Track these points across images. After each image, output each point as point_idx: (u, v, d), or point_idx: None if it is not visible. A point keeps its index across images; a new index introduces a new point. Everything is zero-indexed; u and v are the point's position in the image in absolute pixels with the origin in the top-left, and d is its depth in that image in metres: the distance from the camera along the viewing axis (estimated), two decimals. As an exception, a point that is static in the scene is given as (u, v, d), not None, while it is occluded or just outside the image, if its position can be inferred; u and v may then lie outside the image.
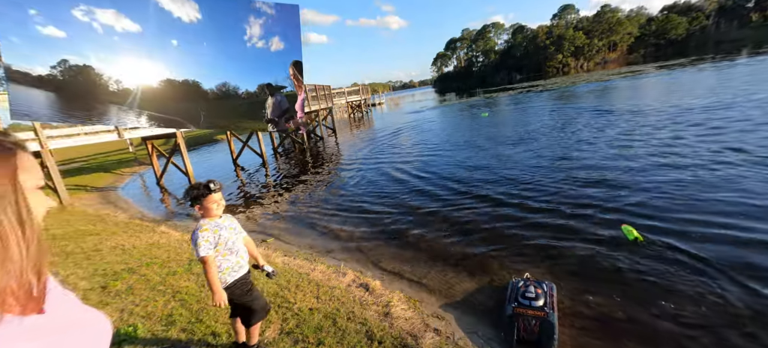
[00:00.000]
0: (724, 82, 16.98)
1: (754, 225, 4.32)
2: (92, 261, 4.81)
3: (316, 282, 3.94)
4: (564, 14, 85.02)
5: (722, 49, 47.62)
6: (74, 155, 22.21)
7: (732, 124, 8.86)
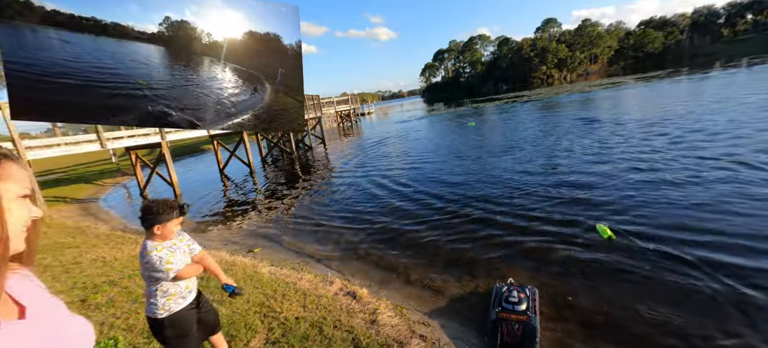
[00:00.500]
0: (697, 95, 17.80)
1: (719, 226, 4.54)
2: (71, 274, 4.67)
3: (303, 291, 3.93)
4: (547, 27, 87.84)
5: (697, 63, 49.89)
6: (54, 166, 21.54)
7: (700, 132, 9.28)
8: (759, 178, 5.82)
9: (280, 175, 13.79)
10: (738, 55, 50.28)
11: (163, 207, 1.96)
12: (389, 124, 31.54)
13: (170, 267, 1.95)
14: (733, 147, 7.62)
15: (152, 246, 1.96)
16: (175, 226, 2.03)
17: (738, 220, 4.65)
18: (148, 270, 1.94)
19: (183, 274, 2.02)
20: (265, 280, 4.25)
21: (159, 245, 1.98)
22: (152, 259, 1.93)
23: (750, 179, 5.83)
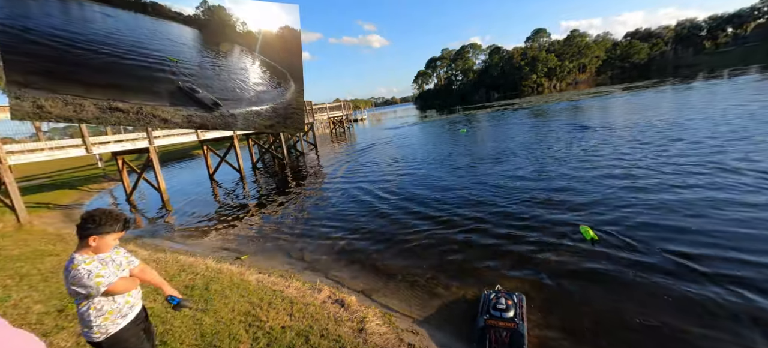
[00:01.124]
0: (682, 105, 18.30)
1: (702, 228, 4.63)
2: (49, 283, 4.52)
3: (290, 299, 3.87)
4: (537, 37, 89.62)
5: (681, 73, 51.50)
6: (38, 171, 20.97)
7: (682, 140, 9.51)
8: (740, 183, 5.98)
9: (271, 181, 13.66)
10: (720, 66, 51.99)
11: (107, 218, 1.80)
12: (382, 131, 31.62)
13: (100, 280, 1.75)
14: (718, 154, 7.82)
15: (81, 259, 1.77)
16: (113, 241, 1.87)
17: (718, 224, 4.75)
18: (74, 285, 1.73)
19: (116, 289, 1.81)
20: (252, 288, 4.17)
21: (88, 258, 1.79)
22: (79, 273, 1.72)
23: (733, 185, 5.98)
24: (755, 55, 60.40)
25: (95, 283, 1.74)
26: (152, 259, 5.59)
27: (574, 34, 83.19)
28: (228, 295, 3.96)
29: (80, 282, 1.72)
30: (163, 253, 6.06)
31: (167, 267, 5.09)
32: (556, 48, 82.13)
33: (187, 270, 4.90)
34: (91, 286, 1.73)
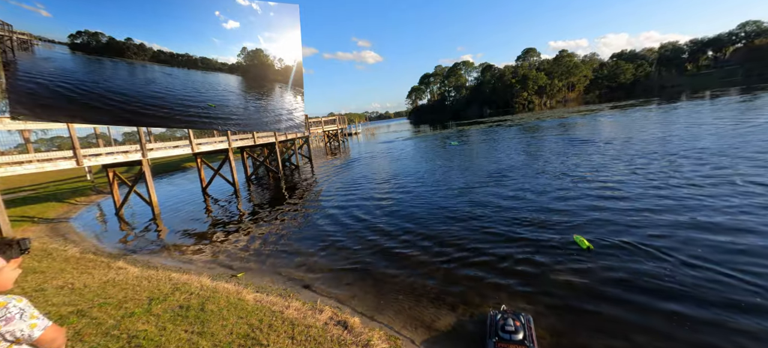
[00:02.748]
0: (668, 124, 18.82)
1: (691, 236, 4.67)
2: (34, 303, 4.27)
3: (291, 320, 3.72)
4: (527, 56, 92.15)
5: (666, 93, 53.59)
6: (23, 183, 20.36)
7: (665, 157, 9.73)
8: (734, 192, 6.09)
9: (266, 194, 13.47)
10: (701, 87, 54.18)
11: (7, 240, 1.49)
12: (376, 145, 31.70)
13: (35, 323, 1.43)
14: (712, 169, 8.00)
15: (9, 296, 1.46)
16: (13, 272, 1.54)
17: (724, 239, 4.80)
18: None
19: (46, 338, 1.46)
20: (250, 309, 4.02)
21: (18, 295, 1.49)
22: (10, 312, 1.39)
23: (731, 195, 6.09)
24: (735, 77, 63.10)
25: (29, 325, 1.42)
26: (144, 276, 5.37)
27: (563, 54, 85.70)
28: (225, 317, 3.80)
29: (11, 324, 1.38)
30: (154, 271, 5.84)
31: (160, 285, 4.89)
32: (545, 67, 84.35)
33: (181, 288, 4.71)
34: (24, 332, 1.41)
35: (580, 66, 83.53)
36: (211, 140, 14.58)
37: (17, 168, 7.84)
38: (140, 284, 4.98)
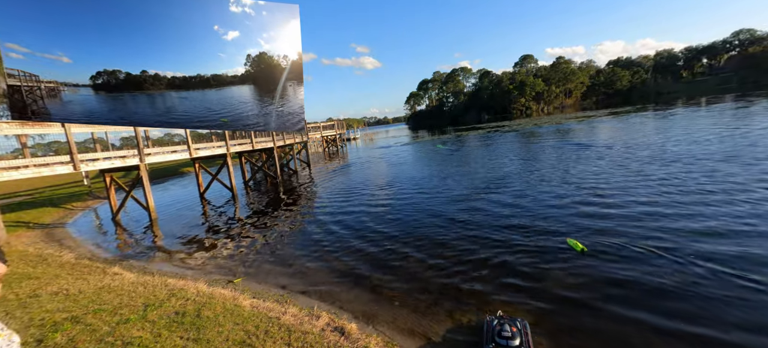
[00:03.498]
0: (668, 130, 18.97)
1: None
2: (28, 309, 4.25)
3: (287, 327, 3.70)
4: (524, 63, 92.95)
5: (662, 100, 54.18)
6: (19, 188, 20.24)
7: (656, 161, 9.81)
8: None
9: (264, 199, 13.43)
10: (697, 94, 54.80)
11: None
12: (374, 150, 31.75)
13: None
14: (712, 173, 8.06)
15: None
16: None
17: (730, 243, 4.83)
18: None
19: None
20: (247, 315, 3.99)
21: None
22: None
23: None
24: (729, 84, 63.81)
25: None
26: (139, 282, 5.34)
27: (560, 61, 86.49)
28: (221, 323, 3.78)
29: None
30: (150, 276, 5.81)
31: (156, 291, 4.85)
32: (542, 73, 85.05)
33: (177, 294, 4.68)
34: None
35: (577, 72, 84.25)
36: (209, 145, 14.57)
37: (13, 173, 7.81)
38: (136, 290, 4.94)
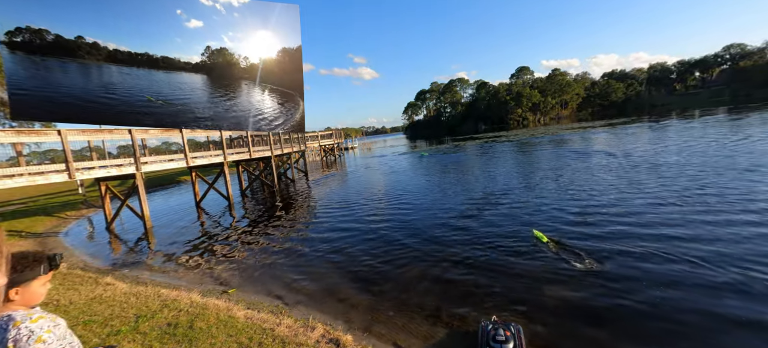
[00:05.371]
0: (658, 140, 19.20)
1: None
2: (17, 320, 4.15)
3: (281, 338, 3.65)
4: (521, 74, 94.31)
5: (656, 112, 55.00)
6: (12, 196, 20.04)
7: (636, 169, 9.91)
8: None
9: (260, 209, 13.36)
10: (691, 106, 55.70)
11: (24, 261, 1.43)
12: (372, 159, 31.81)
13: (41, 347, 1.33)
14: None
15: (25, 315, 1.38)
16: (42, 287, 1.49)
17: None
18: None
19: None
20: (241, 326, 3.93)
21: (35, 314, 1.42)
22: (19, 334, 1.32)
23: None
24: (722, 97, 64.92)
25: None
26: (132, 293, 5.26)
27: (556, 73, 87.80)
28: (214, 335, 3.72)
29: (18, 344, 1.31)
30: (143, 286, 5.73)
31: (148, 302, 4.78)
32: (539, 85, 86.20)
33: (170, 305, 4.61)
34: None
35: (572, 84, 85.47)
36: (206, 154, 14.55)
37: (8, 181, 7.74)
38: (128, 301, 4.86)
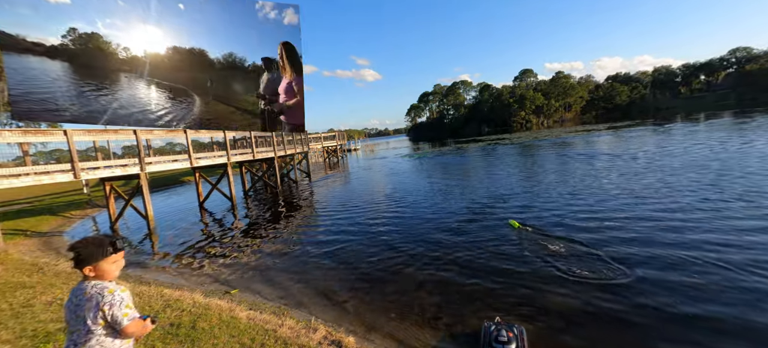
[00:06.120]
0: (663, 143, 19.05)
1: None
2: (21, 319, 4.19)
3: (283, 339, 3.64)
4: (524, 77, 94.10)
5: (661, 115, 54.71)
6: (18, 196, 20.23)
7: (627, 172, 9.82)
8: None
9: (263, 210, 13.39)
10: (696, 110, 55.34)
11: (88, 245, 1.66)
12: (375, 161, 31.81)
13: (127, 313, 1.62)
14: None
15: (113, 286, 1.65)
16: (110, 266, 1.71)
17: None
18: (98, 311, 1.57)
19: (134, 330, 1.65)
20: (243, 327, 3.93)
21: (119, 286, 1.68)
22: (114, 299, 1.60)
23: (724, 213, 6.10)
24: (727, 101, 64.39)
25: (123, 314, 1.60)
26: (135, 292, 5.27)
27: (559, 76, 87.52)
28: (217, 335, 3.71)
29: (111, 309, 1.58)
30: (146, 286, 5.74)
31: (151, 301, 4.79)
32: (542, 87, 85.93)
33: (173, 305, 4.61)
34: (118, 318, 1.59)
35: (576, 87, 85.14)
36: (210, 154, 14.62)
37: (14, 181, 7.81)
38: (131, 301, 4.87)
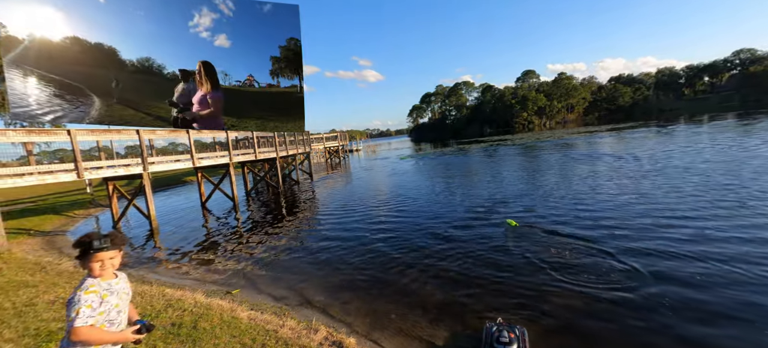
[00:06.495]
0: (663, 144, 18.94)
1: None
2: (23, 318, 4.20)
3: (284, 340, 3.63)
4: (526, 78, 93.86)
5: (664, 117, 54.48)
6: (22, 195, 20.36)
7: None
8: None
9: (265, 210, 13.41)
10: (700, 112, 55.05)
11: (80, 243, 1.69)
12: (376, 161, 31.81)
13: (76, 316, 1.57)
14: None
15: (83, 284, 1.69)
16: (94, 263, 1.71)
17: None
18: (68, 308, 1.62)
19: (80, 335, 1.56)
20: (244, 327, 3.93)
21: (92, 283, 1.69)
22: (74, 297, 1.62)
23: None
24: (731, 102, 64.01)
25: (74, 311, 1.58)
26: (137, 292, 5.28)
27: (562, 77, 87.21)
28: (218, 335, 3.71)
29: (69, 305, 1.61)
30: (148, 286, 5.75)
31: (153, 301, 4.80)
32: (544, 88, 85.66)
33: (174, 305, 4.62)
34: (68, 316, 1.59)
35: (578, 88, 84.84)
36: (212, 154, 14.66)
37: (18, 180, 7.86)
38: (133, 299, 4.88)
